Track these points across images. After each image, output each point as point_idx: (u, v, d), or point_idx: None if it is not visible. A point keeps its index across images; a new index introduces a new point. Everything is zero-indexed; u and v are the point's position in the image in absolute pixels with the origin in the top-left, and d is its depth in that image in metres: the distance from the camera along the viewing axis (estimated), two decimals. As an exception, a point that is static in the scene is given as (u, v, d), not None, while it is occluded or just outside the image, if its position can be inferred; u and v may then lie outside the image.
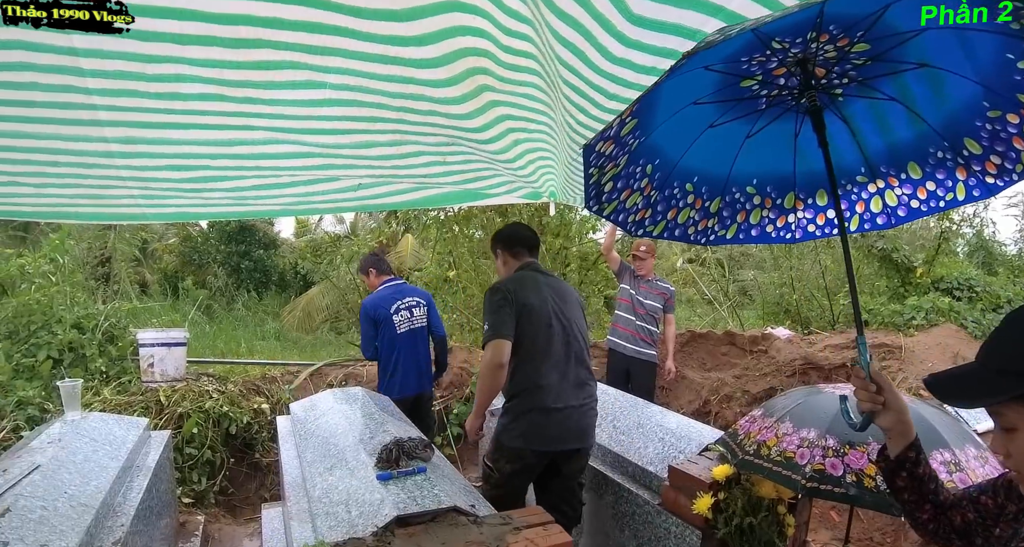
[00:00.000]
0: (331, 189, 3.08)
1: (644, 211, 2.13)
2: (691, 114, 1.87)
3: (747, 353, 7.19)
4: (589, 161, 1.88)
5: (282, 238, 22.08)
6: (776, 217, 2.20)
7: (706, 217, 2.19)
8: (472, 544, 1.85)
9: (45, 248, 6.72)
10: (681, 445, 3.04)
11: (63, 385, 3.20)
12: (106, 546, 2.35)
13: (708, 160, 2.06)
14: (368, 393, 3.86)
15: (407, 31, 1.83)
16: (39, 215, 3.01)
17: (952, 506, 1.39)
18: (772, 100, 1.87)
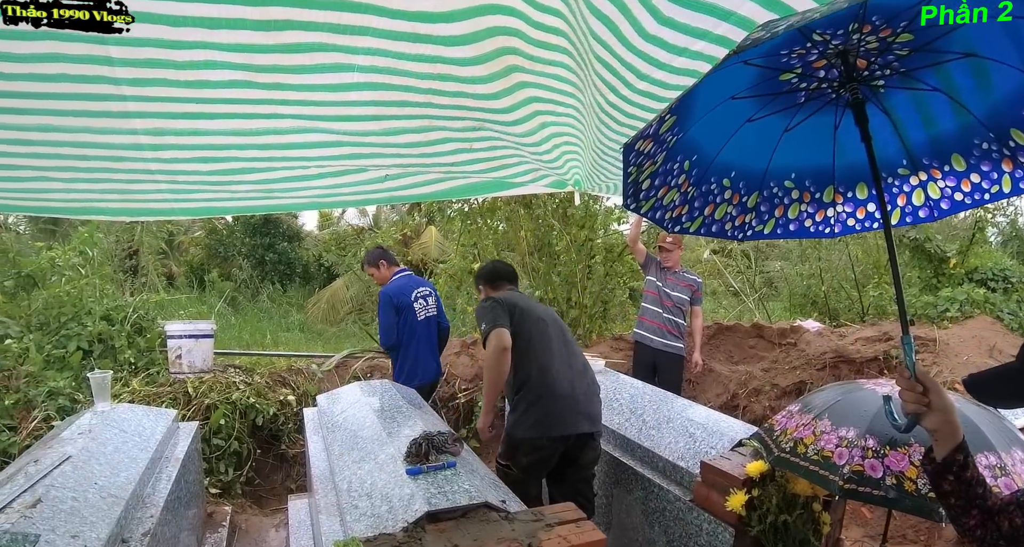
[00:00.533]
0: (358, 181, 3.06)
1: (681, 208, 2.10)
2: (729, 109, 1.84)
3: (776, 346, 7.10)
4: (629, 160, 1.85)
5: (306, 231, 22.23)
6: (815, 211, 2.15)
7: (743, 212, 2.15)
8: (504, 541, 1.82)
9: (75, 241, 6.79)
10: (712, 440, 2.99)
11: (93, 376, 3.21)
12: (136, 537, 2.35)
13: (746, 155, 2.02)
14: (395, 386, 3.85)
15: (435, 7, 1.80)
16: (68, 211, 3.02)
17: (1000, 511, 1.34)
18: (811, 93, 1.83)
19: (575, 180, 3.65)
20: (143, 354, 5.39)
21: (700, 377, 6.56)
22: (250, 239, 19.14)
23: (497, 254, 7.62)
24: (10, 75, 1.83)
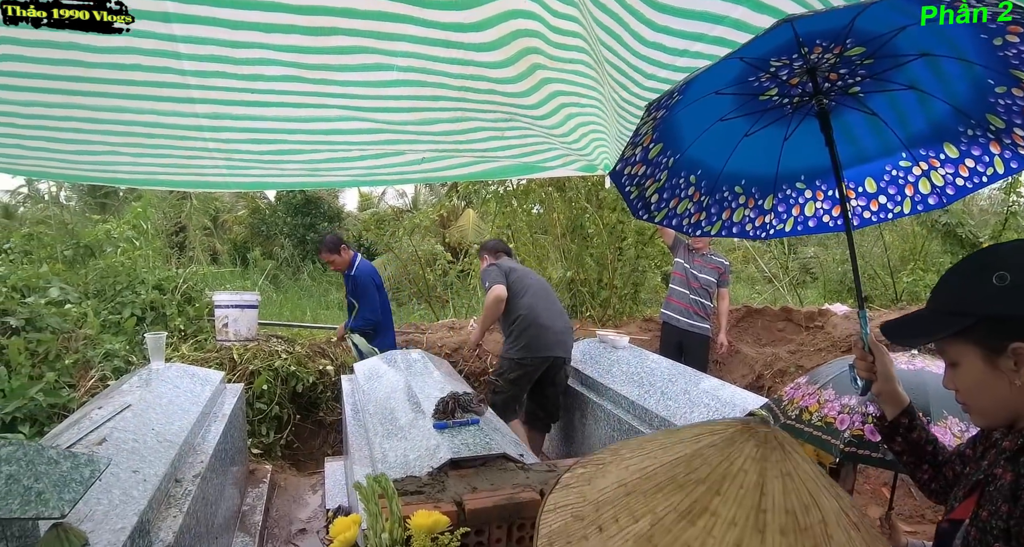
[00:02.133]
0: (397, 162, 3.26)
1: (698, 214, 2.23)
2: (722, 129, 1.98)
3: (803, 329, 7.17)
4: (622, 183, 2.02)
5: (346, 211, 22.59)
6: (831, 208, 2.26)
7: (762, 213, 2.28)
8: (519, 486, 2.02)
9: (128, 215, 7.13)
10: (725, 410, 3.15)
11: (150, 336, 3.49)
12: (188, 478, 2.61)
13: (752, 164, 2.16)
14: (426, 355, 4.07)
15: (466, 18, 1.98)
16: (134, 181, 3.28)
17: (944, 463, 1.51)
18: (796, 105, 1.96)
19: (604, 164, 3.78)
20: (192, 322, 5.72)
21: (726, 358, 6.67)
22: (292, 219, 19.51)
23: (531, 236, 7.80)
24: (92, 64, 2.05)
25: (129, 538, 1.67)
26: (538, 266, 7.68)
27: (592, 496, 0.87)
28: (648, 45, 2.10)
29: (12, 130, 2.56)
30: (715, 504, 0.76)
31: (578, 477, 0.95)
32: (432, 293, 10.09)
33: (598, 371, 4.06)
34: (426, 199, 22.13)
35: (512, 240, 7.75)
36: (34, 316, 5.03)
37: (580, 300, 7.60)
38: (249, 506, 3.82)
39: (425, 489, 2.00)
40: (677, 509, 0.77)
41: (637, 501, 0.81)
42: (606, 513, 0.82)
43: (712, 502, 0.76)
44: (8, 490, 1.49)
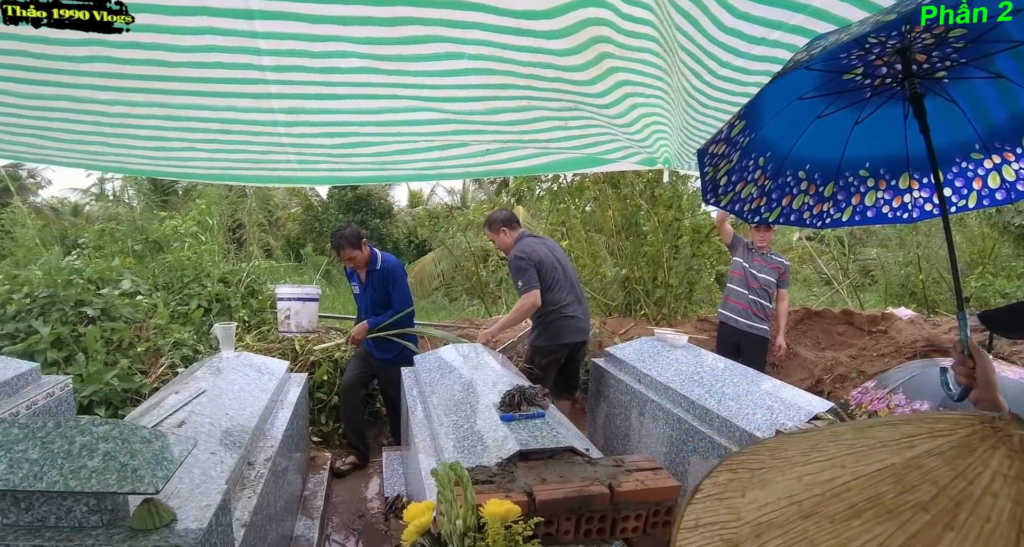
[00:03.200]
0: (461, 154, 3.31)
1: (759, 200, 2.22)
2: (798, 108, 1.96)
3: (865, 333, 7.00)
4: (704, 162, 2.01)
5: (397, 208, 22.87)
6: (892, 198, 2.23)
7: (821, 201, 2.26)
8: (587, 479, 2.03)
9: (193, 212, 7.36)
10: (789, 413, 3.10)
11: (219, 326, 3.60)
12: (259, 462, 2.69)
13: (819, 148, 2.13)
14: (486, 349, 4.11)
15: (539, 5, 2.00)
16: (208, 176, 3.39)
17: None
18: (876, 88, 1.92)
19: (664, 158, 3.78)
20: (255, 314, 5.87)
21: (784, 361, 6.56)
22: (344, 215, 19.86)
23: (584, 233, 7.79)
24: (175, 63, 2.14)
25: (214, 515, 1.73)
26: (592, 263, 7.67)
27: (749, 514, 0.66)
28: (726, 31, 2.09)
29: (97, 128, 2.68)
30: (947, 544, 0.51)
31: (725, 485, 0.73)
32: (484, 289, 10.15)
33: (656, 369, 4.04)
34: (475, 196, 22.26)
35: (565, 237, 7.75)
36: (108, 306, 5.23)
37: (635, 298, 7.56)
38: (310, 491, 3.91)
39: (495, 479, 2.02)
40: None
41: (820, 529, 0.57)
42: (772, 542, 0.59)
43: (943, 541, 0.51)
44: (106, 466, 1.56)
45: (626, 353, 4.52)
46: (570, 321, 4.52)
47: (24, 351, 4.53)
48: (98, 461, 1.57)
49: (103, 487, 1.53)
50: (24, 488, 1.52)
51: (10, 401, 3.09)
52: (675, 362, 4.09)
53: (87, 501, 1.62)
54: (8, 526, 1.62)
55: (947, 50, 1.75)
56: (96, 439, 1.62)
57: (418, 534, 1.79)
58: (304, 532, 3.39)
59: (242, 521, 2.16)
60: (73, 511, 1.62)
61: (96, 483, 1.53)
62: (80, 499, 1.61)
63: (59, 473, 1.55)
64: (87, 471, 1.55)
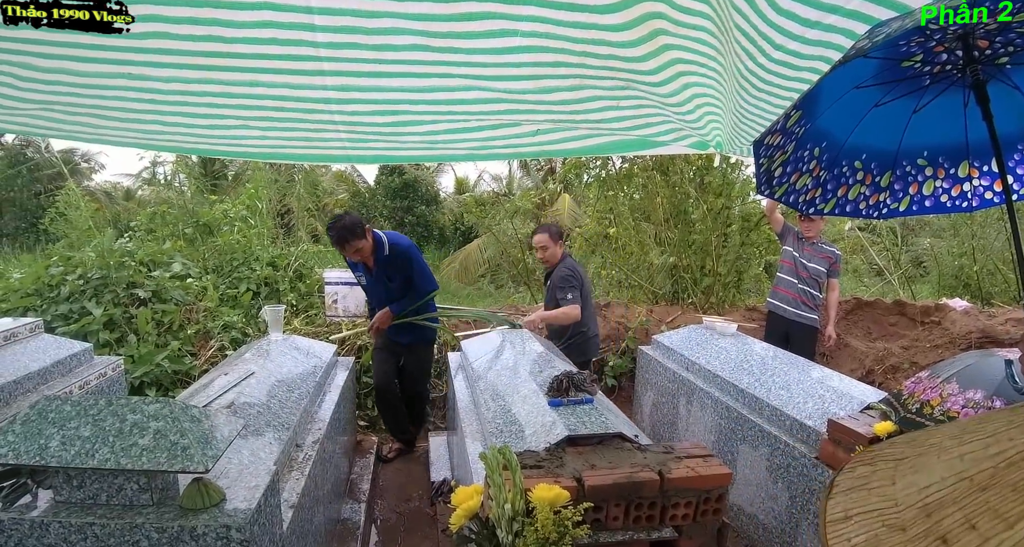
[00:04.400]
0: (511, 134, 3.27)
1: (814, 190, 2.18)
2: (854, 97, 1.91)
3: (917, 324, 6.80)
4: (759, 153, 1.97)
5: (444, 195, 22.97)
6: (951, 186, 2.17)
7: (877, 192, 2.20)
8: (637, 466, 1.99)
9: (243, 196, 7.46)
10: (841, 402, 3.02)
11: (269, 309, 3.63)
12: (307, 444, 2.71)
13: (875, 137, 2.09)
14: (533, 334, 4.08)
15: None
16: (260, 155, 3.42)
17: None
18: (936, 76, 1.86)
19: (716, 142, 3.69)
20: (303, 297, 5.93)
21: (834, 351, 6.41)
22: (391, 202, 20.00)
23: (632, 220, 7.69)
24: (231, 39, 2.14)
25: (263, 495, 1.73)
26: (639, 251, 7.57)
27: (909, 498, 0.65)
28: (781, 13, 2.02)
29: (151, 106, 2.70)
30: None
31: (867, 477, 0.73)
32: (530, 276, 10.12)
33: (705, 357, 3.97)
34: (520, 183, 22.22)
35: (614, 225, 7.66)
36: (159, 289, 5.33)
37: (682, 286, 7.45)
38: (357, 475, 3.94)
39: (544, 463, 1.99)
40: None
41: (1004, 498, 0.57)
42: (949, 518, 0.59)
43: None
44: (156, 444, 1.57)
45: (674, 341, 4.45)
46: (595, 339, 4.76)
47: (77, 332, 4.64)
48: (149, 439, 1.58)
49: (154, 465, 1.54)
50: (76, 465, 1.54)
51: (63, 380, 3.17)
52: (723, 350, 4.02)
53: (138, 479, 1.63)
54: (61, 503, 1.64)
55: (1010, 35, 1.68)
56: (147, 417, 1.63)
57: (466, 517, 1.77)
58: (351, 516, 3.41)
59: (290, 502, 2.17)
60: (124, 489, 1.64)
61: (147, 461, 1.54)
62: (131, 477, 1.62)
63: (110, 450, 1.56)
64: (138, 449, 1.56)
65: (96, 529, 1.56)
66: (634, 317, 6.33)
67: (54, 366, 3.18)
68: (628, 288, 7.81)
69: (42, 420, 1.61)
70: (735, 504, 3.43)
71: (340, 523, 3.30)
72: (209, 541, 1.57)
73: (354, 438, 4.37)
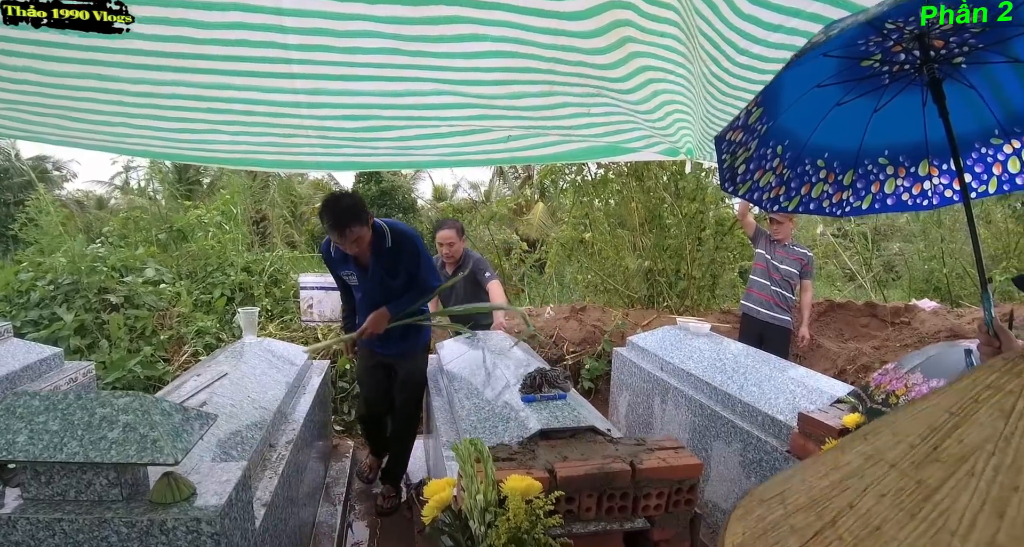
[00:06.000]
0: (484, 140, 3.29)
1: (778, 189, 2.21)
2: (816, 96, 1.95)
3: (888, 325, 6.92)
4: (721, 149, 2.00)
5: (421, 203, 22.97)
6: (911, 185, 2.21)
7: (840, 190, 2.24)
8: (609, 457, 2.02)
9: (217, 202, 7.43)
10: (811, 397, 3.07)
11: (243, 311, 3.62)
12: (280, 444, 2.70)
13: (837, 136, 2.13)
14: (508, 336, 4.09)
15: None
16: (231, 161, 3.40)
17: None
18: (895, 75, 1.91)
19: (687, 148, 3.74)
20: (278, 303, 5.91)
21: (807, 352, 6.48)
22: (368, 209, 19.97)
23: (608, 226, 7.75)
24: (201, 40, 2.14)
25: (234, 489, 1.73)
26: (615, 256, 7.63)
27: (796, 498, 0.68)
28: (743, 18, 2.07)
29: (120, 109, 2.68)
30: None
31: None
32: (507, 281, 10.15)
33: (679, 357, 4.01)
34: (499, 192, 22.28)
35: (589, 230, 7.72)
36: (132, 294, 5.29)
37: (657, 290, 7.52)
38: (332, 478, 3.92)
39: (516, 456, 2.01)
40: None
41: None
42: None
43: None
44: (125, 437, 1.57)
45: (648, 342, 4.49)
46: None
47: (48, 338, 4.59)
48: (118, 433, 1.58)
49: (123, 458, 1.53)
50: (45, 459, 1.53)
51: (33, 386, 3.14)
52: (697, 350, 4.06)
53: (107, 474, 1.62)
54: (29, 500, 1.63)
55: (965, 35, 1.73)
56: (117, 411, 1.62)
57: (439, 509, 1.78)
58: (327, 518, 3.40)
59: (263, 501, 2.16)
60: (93, 484, 1.63)
61: (116, 454, 1.54)
62: (100, 472, 1.62)
63: (79, 444, 1.55)
64: (107, 442, 1.56)
65: (64, 525, 1.55)
66: (610, 321, 6.37)
67: (23, 370, 3.15)
68: (604, 292, 7.86)
69: (9, 415, 1.60)
70: (710, 500, 3.46)
71: (315, 526, 3.29)
72: (179, 535, 1.57)
73: (330, 442, 4.36)
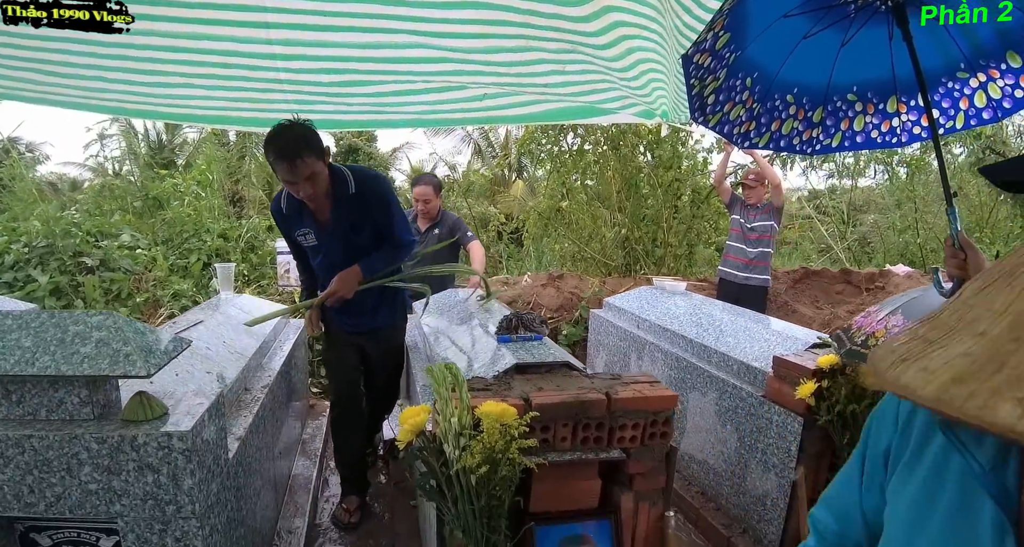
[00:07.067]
0: (459, 98, 3.27)
1: (748, 124, 2.22)
2: (783, 27, 1.95)
3: (863, 291, 7.02)
4: (688, 72, 2.00)
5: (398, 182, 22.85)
6: (880, 122, 2.23)
7: (810, 127, 2.26)
8: (585, 388, 2.03)
9: (194, 171, 7.35)
10: (787, 344, 3.10)
11: (220, 266, 3.60)
12: (256, 388, 2.69)
13: (806, 71, 2.13)
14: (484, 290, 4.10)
15: None
16: (207, 119, 3.36)
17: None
18: (860, 5, 1.90)
19: (662, 110, 3.74)
20: (255, 268, 5.88)
21: (782, 317, 6.55)
22: (342, 186, 19.85)
23: (585, 194, 7.75)
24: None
25: (207, 411, 1.73)
26: (592, 225, 7.65)
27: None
28: None
29: (94, 61, 2.63)
30: None
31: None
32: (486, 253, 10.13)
33: (655, 314, 4.03)
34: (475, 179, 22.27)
35: (565, 198, 7.73)
36: (107, 257, 5.24)
37: (634, 258, 7.55)
38: (309, 436, 3.93)
39: (492, 387, 2.02)
40: None
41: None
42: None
43: None
44: (98, 352, 1.55)
45: (625, 301, 4.51)
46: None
47: (23, 299, 4.53)
48: (91, 348, 1.56)
49: (95, 371, 1.52)
50: (16, 372, 1.51)
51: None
52: (673, 307, 4.09)
53: (79, 392, 1.61)
54: (0, 420, 1.61)
55: None
56: (90, 328, 1.60)
57: (413, 434, 1.78)
58: (303, 471, 3.41)
59: (237, 435, 2.16)
60: (64, 403, 1.61)
61: (88, 367, 1.52)
62: (72, 390, 1.60)
63: (51, 358, 1.54)
64: (79, 357, 1.54)
65: (35, 441, 1.54)
66: (587, 288, 6.40)
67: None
68: (581, 261, 7.89)
69: (-21, 334, 1.58)
70: (686, 452, 3.50)
71: (292, 478, 3.29)
72: (151, 451, 1.56)
73: (307, 401, 4.35)
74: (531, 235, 8.18)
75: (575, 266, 7.85)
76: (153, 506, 1.60)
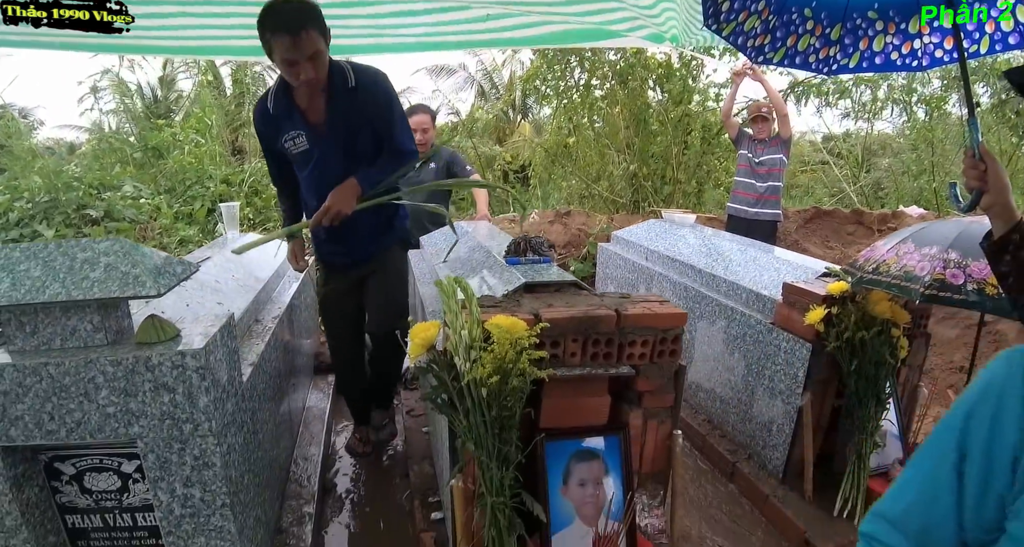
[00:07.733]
0: (461, 18, 3.19)
1: (763, 36, 2.14)
2: None
3: (875, 232, 6.96)
4: None
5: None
6: (901, 43, 2.15)
7: (827, 45, 2.18)
8: (594, 305, 2.02)
9: (191, 119, 7.28)
10: (798, 273, 3.07)
11: (224, 206, 3.58)
12: (267, 319, 2.70)
13: None
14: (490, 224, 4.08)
15: None
16: (203, 50, 3.30)
17: None
18: None
19: (672, 34, 3.65)
20: (259, 212, 5.87)
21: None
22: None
23: (593, 129, 7.64)
24: None
25: (219, 332, 1.73)
26: (600, 161, 7.57)
27: None
28: None
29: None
30: None
31: None
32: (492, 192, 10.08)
33: (664, 246, 4.02)
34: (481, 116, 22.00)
35: (572, 134, 7.63)
36: (111, 208, 5.22)
37: (643, 195, 7.49)
38: (321, 374, 3.97)
39: (501, 304, 2.01)
40: None
41: None
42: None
43: None
44: (107, 276, 1.55)
45: (633, 234, 4.49)
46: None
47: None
48: (100, 272, 1.56)
49: (105, 293, 1.52)
50: (28, 301, 1.51)
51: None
52: (682, 238, 4.07)
53: (91, 318, 1.61)
54: (14, 352, 1.61)
55: None
56: (97, 254, 1.60)
57: (423, 348, 1.79)
58: (316, 403, 3.45)
59: (249, 361, 2.17)
60: (78, 330, 1.62)
61: (98, 291, 1.52)
62: (84, 316, 1.60)
63: (61, 285, 1.53)
64: (89, 282, 1.54)
65: (51, 369, 1.55)
66: (595, 224, 6.36)
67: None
68: (589, 198, 7.83)
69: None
70: (693, 382, 3.52)
71: (306, 410, 3.34)
72: (165, 370, 1.57)
73: (319, 337, 4.36)
74: (537, 175, 8.11)
75: (582, 204, 7.80)
76: (171, 425, 1.62)
